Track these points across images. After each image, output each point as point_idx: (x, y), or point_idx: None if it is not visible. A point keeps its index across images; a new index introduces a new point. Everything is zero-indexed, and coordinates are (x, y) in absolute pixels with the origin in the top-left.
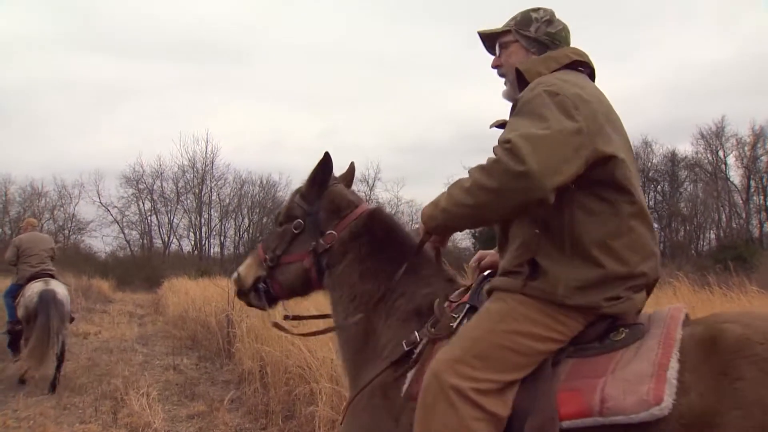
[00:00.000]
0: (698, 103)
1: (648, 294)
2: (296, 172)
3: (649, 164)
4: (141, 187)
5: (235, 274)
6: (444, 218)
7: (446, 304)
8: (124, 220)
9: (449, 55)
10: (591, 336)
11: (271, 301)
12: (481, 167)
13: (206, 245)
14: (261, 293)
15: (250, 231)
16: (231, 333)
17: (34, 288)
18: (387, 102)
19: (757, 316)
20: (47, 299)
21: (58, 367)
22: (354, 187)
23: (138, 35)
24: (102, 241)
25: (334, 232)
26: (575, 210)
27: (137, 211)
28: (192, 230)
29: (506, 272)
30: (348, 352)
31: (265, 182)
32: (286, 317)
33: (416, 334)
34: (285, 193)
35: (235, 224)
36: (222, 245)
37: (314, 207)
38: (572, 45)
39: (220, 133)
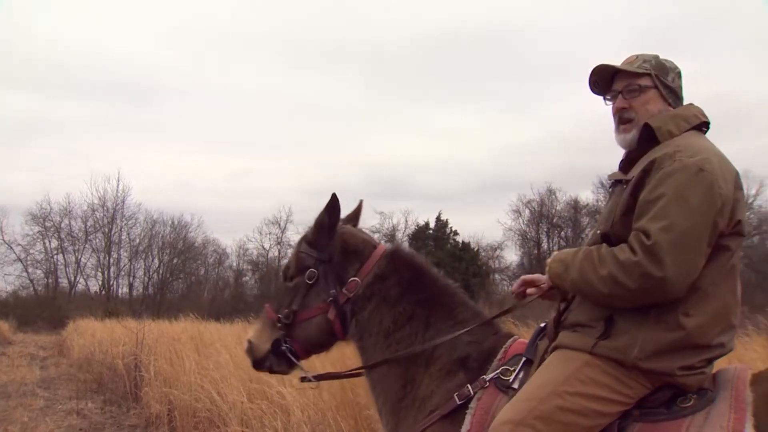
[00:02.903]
0: (597, 154)
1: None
2: (208, 213)
3: (554, 211)
4: (48, 224)
5: (246, 344)
6: (570, 287)
7: (499, 356)
8: (29, 258)
9: (354, 102)
10: (658, 401)
11: (294, 362)
12: (620, 263)
13: (114, 285)
14: (282, 356)
15: (160, 271)
16: (138, 376)
17: None
18: (296, 146)
19: None
20: None
21: None
22: (266, 229)
23: (47, 72)
24: (3, 280)
25: (357, 278)
26: None
27: (43, 250)
28: (100, 270)
29: (576, 325)
30: (386, 400)
31: (176, 223)
32: (303, 379)
33: (469, 387)
34: (196, 234)
35: (145, 264)
36: (131, 286)
37: (326, 253)
38: None
39: (132, 173)
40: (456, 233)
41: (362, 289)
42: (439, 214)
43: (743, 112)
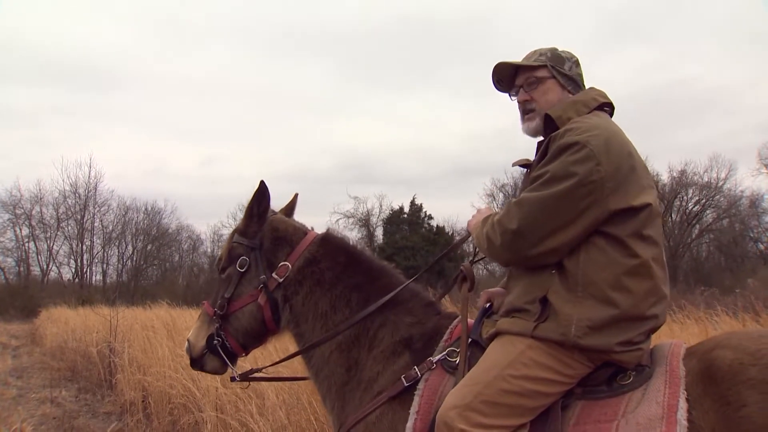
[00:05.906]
0: None
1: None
2: (181, 199)
3: None
4: (18, 212)
5: (186, 345)
6: (475, 240)
7: (445, 337)
8: None
9: (322, 88)
10: (599, 379)
11: (229, 357)
12: (493, 222)
13: (88, 273)
14: (216, 351)
15: (134, 258)
16: (113, 363)
17: None
18: (267, 132)
19: (745, 335)
20: None
21: None
22: (240, 214)
23: (13, 59)
24: None
25: (287, 263)
26: (590, 249)
27: (13, 237)
28: (73, 257)
29: (514, 309)
30: (330, 385)
31: (149, 209)
32: (233, 379)
33: (416, 369)
34: (170, 220)
35: (119, 251)
36: (104, 273)
37: (256, 240)
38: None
39: (104, 159)
40: (430, 217)
41: (293, 274)
42: (414, 199)
43: (709, 97)
